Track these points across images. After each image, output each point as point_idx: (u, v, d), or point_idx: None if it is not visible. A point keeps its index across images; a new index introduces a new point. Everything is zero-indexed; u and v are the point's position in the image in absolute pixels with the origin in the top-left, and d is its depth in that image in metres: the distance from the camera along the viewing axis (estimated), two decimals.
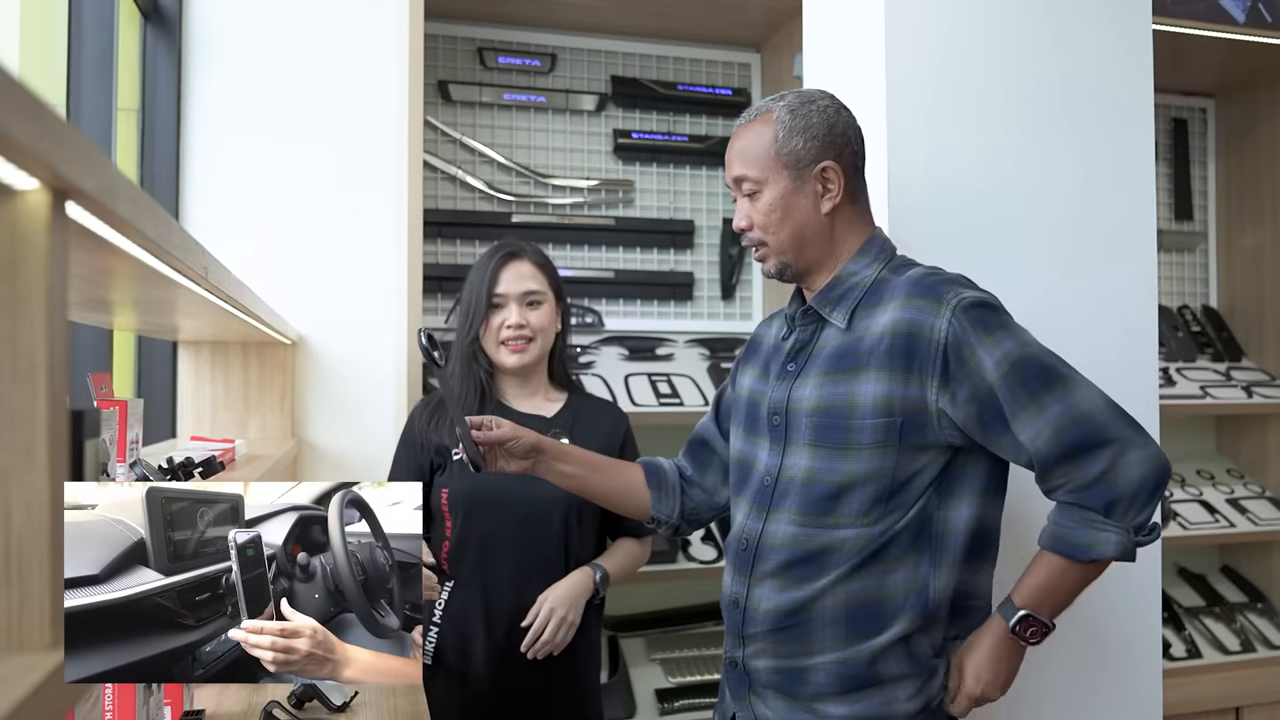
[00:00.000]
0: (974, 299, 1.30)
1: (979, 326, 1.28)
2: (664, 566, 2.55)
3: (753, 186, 1.37)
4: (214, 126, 2.12)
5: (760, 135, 1.37)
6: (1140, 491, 1.25)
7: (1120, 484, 1.25)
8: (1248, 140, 3.19)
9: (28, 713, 0.42)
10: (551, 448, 1.49)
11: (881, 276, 1.37)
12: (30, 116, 0.40)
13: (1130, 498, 1.25)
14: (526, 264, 1.77)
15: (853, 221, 1.40)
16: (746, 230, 1.40)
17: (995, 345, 1.27)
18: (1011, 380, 1.26)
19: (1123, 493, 1.25)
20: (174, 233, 0.73)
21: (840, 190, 1.37)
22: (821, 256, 1.39)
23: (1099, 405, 1.27)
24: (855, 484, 1.31)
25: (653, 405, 2.60)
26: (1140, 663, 1.85)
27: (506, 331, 1.74)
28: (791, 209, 1.36)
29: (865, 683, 1.32)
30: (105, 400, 1.05)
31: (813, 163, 1.36)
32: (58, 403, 0.48)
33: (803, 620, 1.33)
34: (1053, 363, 1.29)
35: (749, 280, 3.01)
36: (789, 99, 1.39)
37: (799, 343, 1.41)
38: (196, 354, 2.05)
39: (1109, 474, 1.25)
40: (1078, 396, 1.26)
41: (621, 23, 2.85)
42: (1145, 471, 1.25)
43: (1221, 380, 3.00)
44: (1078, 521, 1.27)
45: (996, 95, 1.81)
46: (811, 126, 1.36)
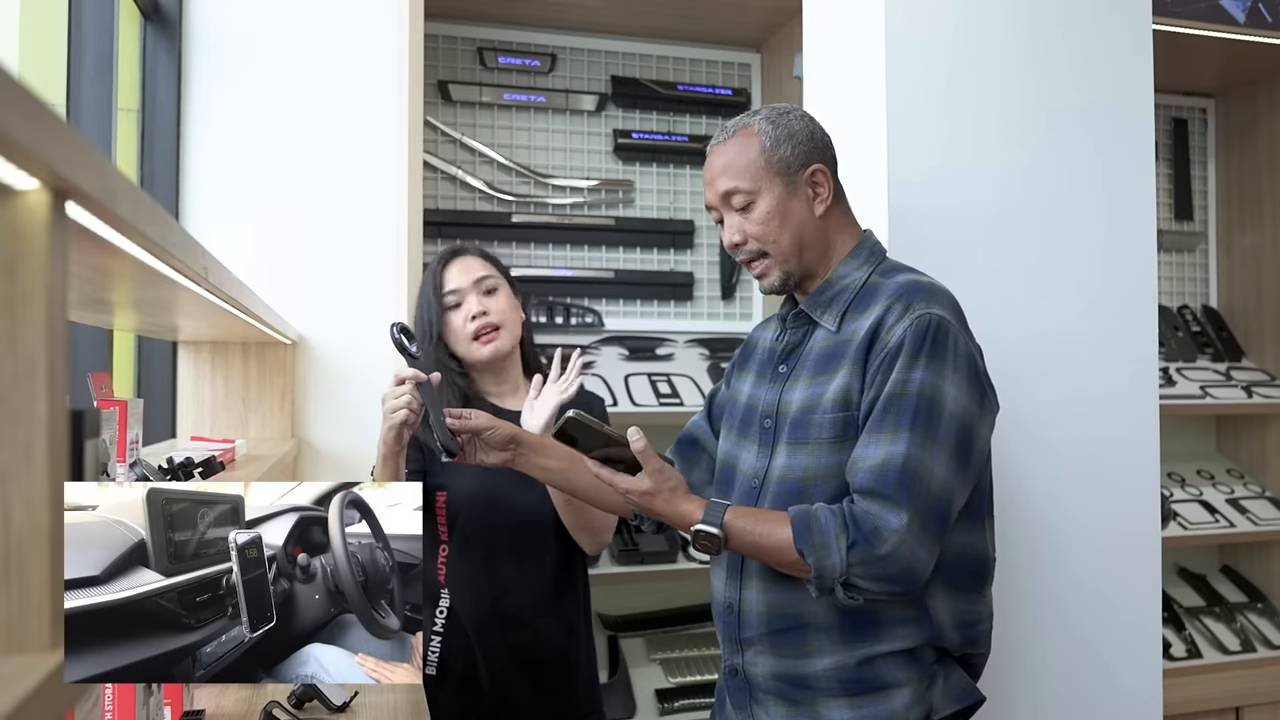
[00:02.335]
0: (934, 319, 1.27)
1: (915, 344, 1.26)
2: (664, 567, 2.56)
3: (745, 199, 1.36)
4: (214, 126, 2.12)
5: (745, 148, 1.37)
6: (879, 564, 1.21)
7: (877, 543, 1.21)
8: (1248, 140, 3.19)
9: (28, 713, 0.42)
10: (531, 440, 1.48)
11: (872, 280, 1.37)
12: (30, 116, 0.40)
13: (870, 559, 1.21)
14: (471, 258, 1.74)
15: (842, 224, 1.41)
16: (741, 245, 1.38)
17: (909, 368, 1.25)
18: (889, 403, 1.25)
19: (872, 550, 1.21)
20: (174, 233, 0.73)
21: (830, 193, 1.38)
22: (817, 260, 1.39)
23: (930, 481, 1.23)
24: (817, 480, 1.31)
25: (653, 405, 2.60)
26: (1140, 663, 1.85)
27: (471, 324, 1.69)
28: (789, 214, 1.36)
29: (867, 686, 1.31)
30: (105, 400, 1.05)
31: (802, 167, 1.36)
32: (58, 403, 0.48)
33: (797, 623, 1.32)
34: (936, 418, 1.24)
35: (749, 280, 3.01)
36: (764, 112, 1.39)
37: (790, 345, 1.41)
38: (196, 354, 2.05)
39: (895, 536, 1.21)
40: (922, 456, 1.23)
41: (621, 23, 2.85)
42: (900, 558, 1.21)
43: (1221, 380, 3.00)
44: (830, 524, 1.23)
45: (996, 95, 1.81)
46: (795, 134, 1.37)
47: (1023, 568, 1.78)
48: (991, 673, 1.73)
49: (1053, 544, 1.80)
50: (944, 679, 1.34)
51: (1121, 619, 1.84)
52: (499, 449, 1.46)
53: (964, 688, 1.36)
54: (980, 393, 1.30)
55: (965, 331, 1.32)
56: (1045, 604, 1.79)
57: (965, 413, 1.27)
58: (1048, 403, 1.79)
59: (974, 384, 1.29)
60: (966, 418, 1.27)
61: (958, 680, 1.36)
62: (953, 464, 1.26)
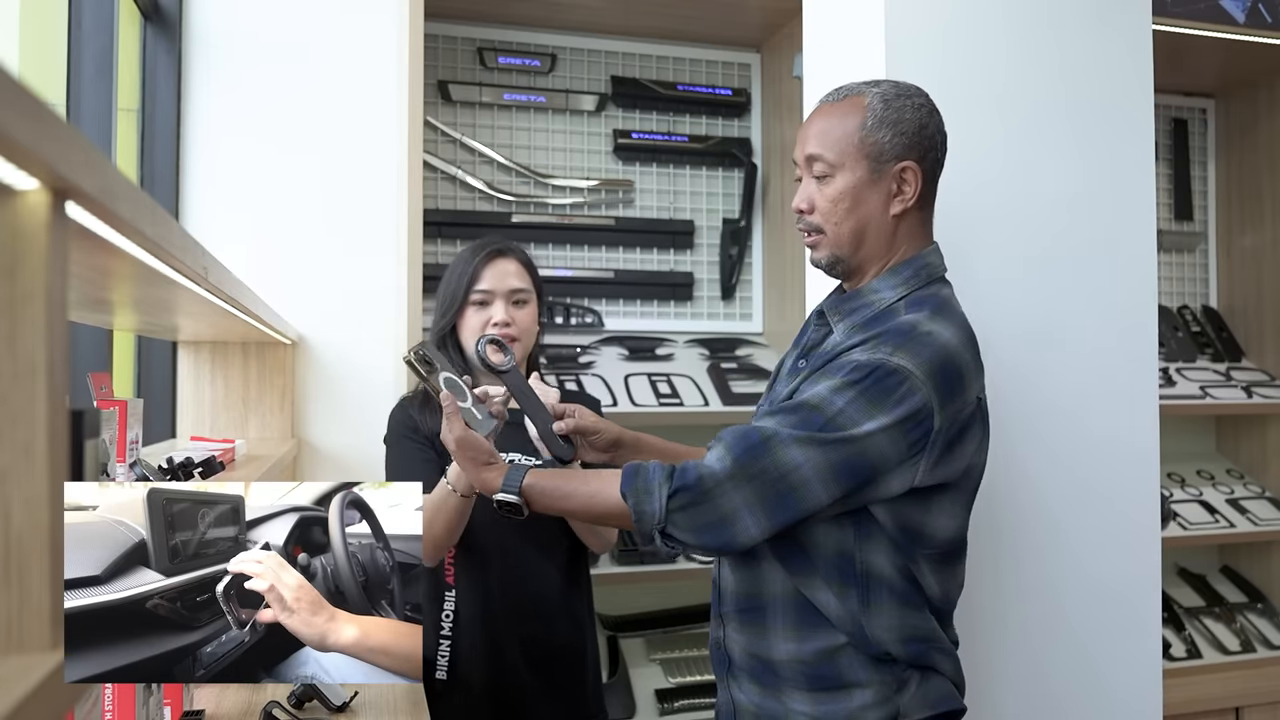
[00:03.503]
0: (892, 368, 1.20)
1: (854, 375, 1.21)
2: (664, 567, 2.56)
3: (825, 169, 1.30)
4: (214, 126, 2.12)
5: (846, 118, 1.30)
6: (695, 511, 1.19)
7: (708, 497, 1.18)
8: (1248, 140, 3.19)
9: (28, 713, 0.42)
10: (631, 440, 1.44)
11: (894, 307, 1.29)
12: (30, 116, 0.40)
13: (687, 505, 1.19)
14: (513, 262, 1.71)
15: (914, 231, 1.33)
16: (805, 213, 1.33)
17: (835, 392, 1.20)
18: (799, 406, 1.22)
19: (700, 502, 1.19)
20: (174, 233, 0.73)
21: (915, 194, 1.30)
22: (874, 257, 1.32)
23: (785, 462, 1.18)
24: None
25: (653, 405, 2.60)
26: (1140, 663, 1.85)
27: (491, 330, 1.66)
28: (860, 202, 1.29)
29: (828, 683, 1.28)
30: (105, 400, 1.05)
31: (894, 159, 1.28)
32: (58, 403, 0.48)
33: (757, 604, 1.32)
34: (832, 434, 1.18)
35: (749, 280, 3.01)
36: (884, 87, 1.31)
37: (812, 342, 1.39)
38: (196, 354, 2.05)
39: (714, 482, 1.19)
40: (794, 449, 1.18)
41: (621, 23, 2.85)
42: (716, 507, 1.18)
43: (1221, 380, 3.00)
44: (658, 473, 1.21)
45: (996, 95, 1.80)
46: (903, 121, 1.29)
47: (1022, 567, 1.78)
48: (990, 673, 1.73)
49: (1052, 544, 1.80)
50: (918, 683, 1.29)
51: (1121, 619, 1.84)
52: (602, 450, 1.42)
53: (942, 694, 1.31)
54: (907, 447, 1.20)
55: (937, 386, 1.21)
56: (1045, 604, 1.79)
57: (875, 451, 1.19)
58: (1047, 403, 1.79)
59: (900, 436, 1.20)
60: (872, 453, 1.19)
61: (936, 686, 1.31)
62: (826, 474, 1.18)
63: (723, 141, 2.99)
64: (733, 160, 2.99)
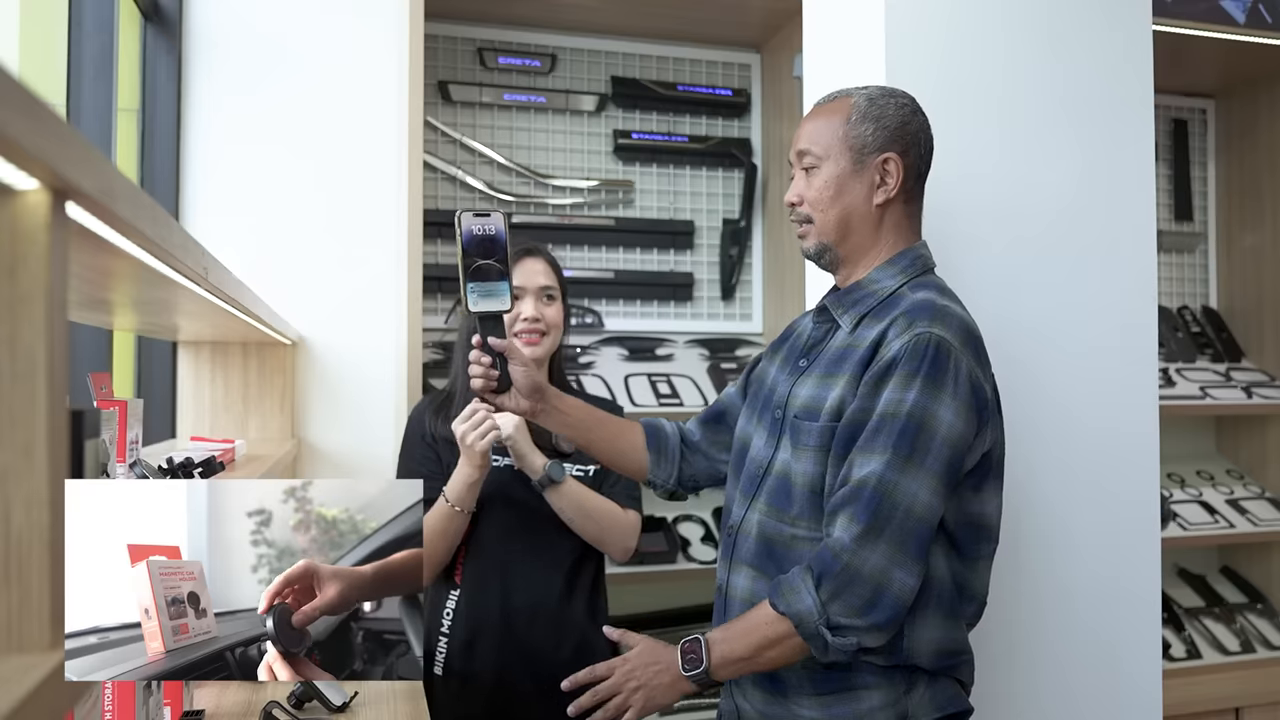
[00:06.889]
0: (936, 340, 1.25)
1: (910, 365, 1.24)
2: (664, 567, 2.55)
3: (813, 161, 1.38)
4: (214, 127, 2.12)
5: (832, 115, 1.38)
6: (849, 591, 1.20)
7: (851, 570, 1.20)
8: (1248, 141, 3.19)
9: (28, 713, 0.42)
10: (555, 394, 1.46)
11: (899, 292, 1.34)
12: (30, 116, 0.40)
13: (840, 588, 1.20)
14: (540, 261, 1.77)
15: (900, 224, 1.39)
16: (796, 205, 1.40)
17: (902, 388, 1.24)
18: (880, 423, 1.24)
19: (846, 578, 1.20)
20: (174, 233, 0.73)
21: (896, 185, 1.36)
22: (861, 248, 1.38)
23: (906, 502, 1.21)
24: (799, 485, 1.31)
25: (653, 405, 2.60)
26: (1140, 663, 1.85)
27: (521, 324, 1.72)
28: (844, 191, 1.36)
29: (836, 686, 1.29)
30: (105, 400, 1.05)
31: (876, 151, 1.35)
32: (58, 403, 0.48)
33: None
34: (925, 443, 1.22)
35: (749, 281, 3.01)
36: (871, 89, 1.40)
37: (813, 340, 1.41)
38: (196, 354, 2.05)
39: (849, 552, 1.20)
40: (900, 478, 1.21)
41: (621, 23, 2.85)
42: (865, 577, 1.19)
43: (1221, 381, 3.00)
44: (798, 572, 1.24)
45: (997, 96, 1.81)
46: (885, 117, 1.36)
47: (1022, 567, 1.78)
48: (991, 673, 1.73)
49: (1052, 544, 1.80)
50: (926, 685, 1.31)
51: (1121, 619, 1.84)
52: (527, 395, 1.41)
53: (949, 695, 1.32)
54: (978, 418, 1.27)
55: (972, 355, 1.29)
56: (1045, 604, 1.79)
57: (960, 438, 1.25)
58: (1047, 403, 1.79)
59: (971, 409, 1.26)
60: (960, 443, 1.25)
61: (944, 688, 1.32)
62: (941, 489, 1.24)
63: (723, 142, 2.99)
64: (733, 160, 2.99)
